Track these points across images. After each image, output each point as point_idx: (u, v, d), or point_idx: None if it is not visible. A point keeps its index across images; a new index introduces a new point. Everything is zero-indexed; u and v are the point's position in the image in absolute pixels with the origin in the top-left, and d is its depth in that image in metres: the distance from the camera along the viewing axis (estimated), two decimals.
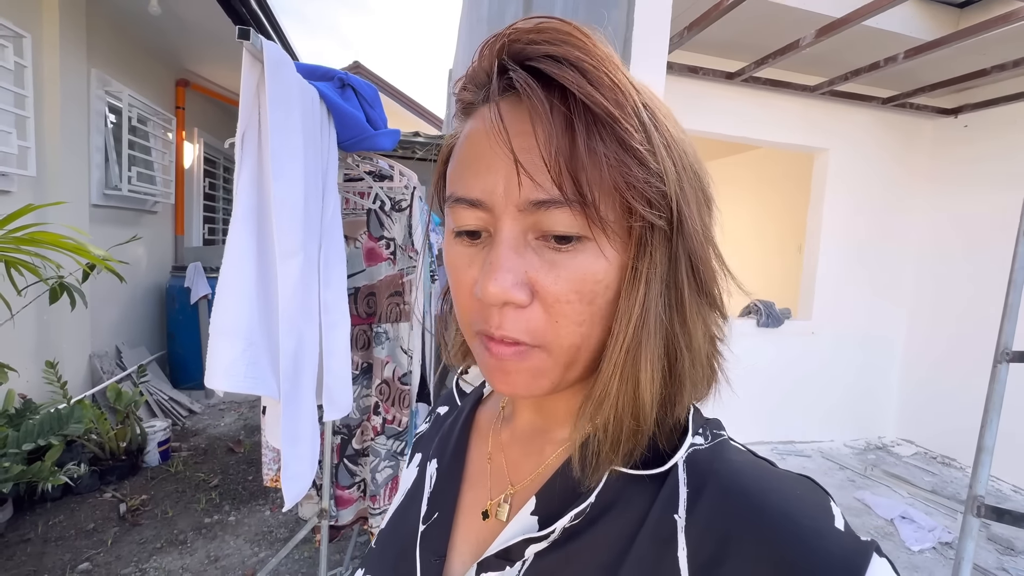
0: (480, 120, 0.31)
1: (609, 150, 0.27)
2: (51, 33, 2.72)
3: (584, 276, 0.29)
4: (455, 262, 0.32)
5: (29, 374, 2.58)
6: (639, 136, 0.27)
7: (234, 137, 0.99)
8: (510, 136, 0.28)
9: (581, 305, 0.29)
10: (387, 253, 1.74)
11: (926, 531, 2.47)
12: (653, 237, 0.29)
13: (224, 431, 3.38)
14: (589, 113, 0.27)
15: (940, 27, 2.76)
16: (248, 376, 0.92)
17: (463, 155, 0.32)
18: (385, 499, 1.76)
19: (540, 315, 0.29)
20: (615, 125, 0.27)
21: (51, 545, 2.08)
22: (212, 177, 5.17)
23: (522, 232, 0.29)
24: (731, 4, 2.21)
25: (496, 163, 0.29)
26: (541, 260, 0.29)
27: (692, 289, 0.31)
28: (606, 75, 0.27)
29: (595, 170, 0.27)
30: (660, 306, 0.29)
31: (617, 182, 0.27)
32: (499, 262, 0.28)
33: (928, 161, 3.74)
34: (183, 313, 3.86)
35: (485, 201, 0.29)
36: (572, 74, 0.27)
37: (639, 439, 0.31)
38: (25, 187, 2.59)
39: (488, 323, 0.30)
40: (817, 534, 0.26)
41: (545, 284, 0.29)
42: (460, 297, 0.32)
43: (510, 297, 0.28)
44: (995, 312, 1.67)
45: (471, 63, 0.32)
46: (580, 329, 0.29)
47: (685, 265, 0.30)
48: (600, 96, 0.26)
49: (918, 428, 3.72)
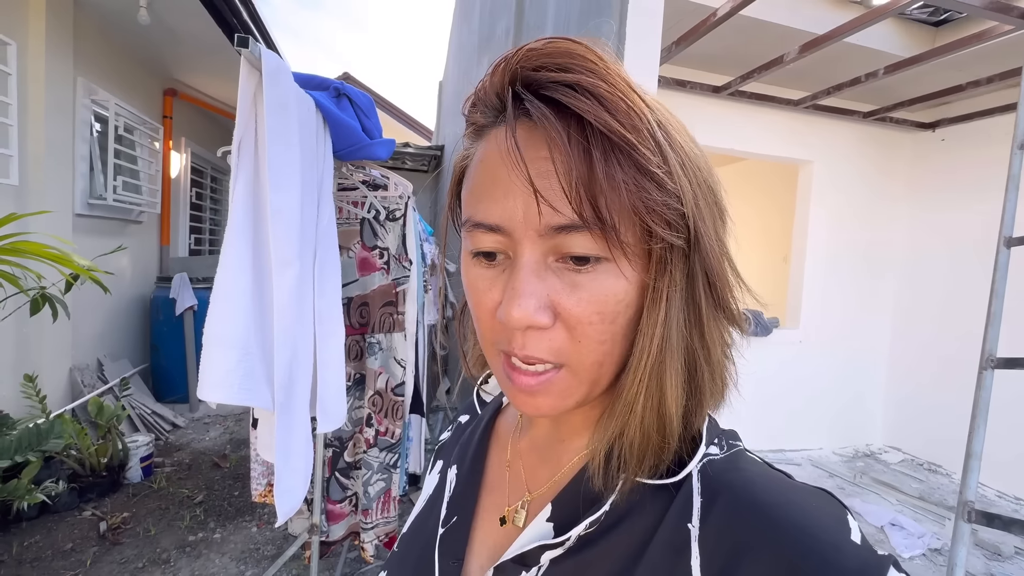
0: (495, 144, 0.31)
1: (627, 175, 0.27)
2: (37, 41, 2.68)
3: (605, 297, 0.29)
4: (476, 284, 0.32)
5: (6, 388, 2.50)
6: (656, 159, 0.28)
7: (226, 146, 0.99)
8: (527, 163, 0.28)
9: (603, 325, 0.29)
10: (381, 263, 1.73)
11: (916, 538, 2.49)
12: (672, 256, 0.29)
13: (209, 445, 3.30)
14: (606, 140, 0.27)
15: (917, 44, 2.86)
16: (243, 387, 0.90)
17: (479, 179, 0.32)
18: (377, 513, 1.73)
19: (563, 336, 0.30)
20: (632, 151, 0.27)
21: (26, 567, 2.00)
22: (199, 187, 5.11)
23: (542, 255, 0.29)
24: (718, 20, 2.27)
25: (514, 189, 0.29)
26: (562, 283, 0.29)
27: (710, 304, 0.31)
28: (621, 99, 0.27)
29: (614, 195, 0.27)
30: (681, 322, 0.30)
31: (636, 206, 0.27)
32: (521, 287, 0.29)
33: (908, 172, 3.84)
34: (168, 325, 3.78)
35: (504, 226, 0.30)
36: (588, 102, 0.27)
37: (664, 453, 0.32)
38: (7, 196, 2.53)
39: (511, 344, 0.31)
40: (833, 547, 0.26)
41: (567, 306, 0.29)
42: (482, 319, 0.33)
43: (533, 321, 0.29)
44: (978, 319, 1.71)
45: (482, 82, 0.32)
46: (603, 347, 0.30)
47: (702, 281, 0.31)
48: (616, 123, 0.27)
49: (905, 435, 3.77)
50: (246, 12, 3.09)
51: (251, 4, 3.14)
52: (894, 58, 2.80)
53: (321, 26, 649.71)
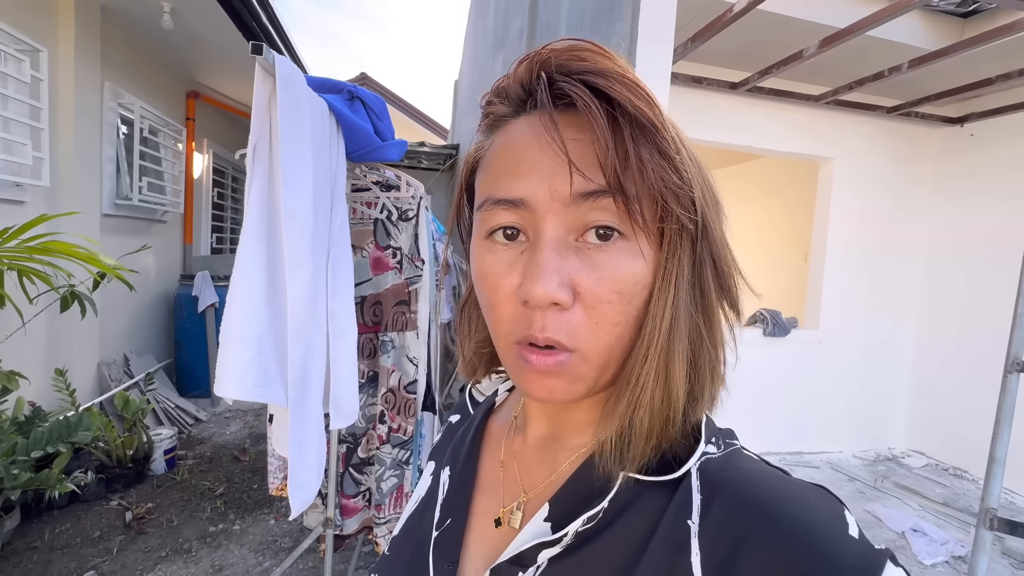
0: (519, 131, 0.32)
1: (652, 156, 0.29)
2: (67, 47, 2.78)
3: (624, 276, 0.30)
4: (491, 268, 0.32)
5: (39, 382, 2.60)
6: (675, 147, 0.30)
7: (244, 148, 1.01)
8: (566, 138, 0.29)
9: (620, 305, 0.30)
10: (393, 262, 1.75)
11: (938, 544, 2.42)
12: (682, 240, 0.31)
13: (230, 439, 3.38)
14: (635, 122, 0.29)
15: (944, 37, 2.76)
16: (257, 384, 0.93)
17: (499, 164, 0.32)
18: (390, 508, 1.76)
19: (581, 316, 0.30)
20: (657, 135, 0.29)
21: (57, 553, 2.09)
22: (221, 187, 5.23)
23: (565, 233, 0.30)
24: (735, 15, 2.23)
25: (540, 165, 0.30)
26: (583, 262, 0.30)
27: (716, 288, 0.33)
28: (643, 91, 0.30)
29: (640, 173, 0.29)
30: (688, 305, 0.31)
31: (658, 186, 0.29)
32: (544, 263, 0.29)
33: (934, 170, 3.72)
34: (191, 321, 3.89)
35: (528, 200, 0.30)
36: (620, 87, 0.29)
37: (669, 433, 0.32)
38: (39, 197, 2.63)
39: (531, 327, 0.30)
40: (832, 541, 0.26)
41: (587, 285, 0.30)
42: (499, 304, 0.32)
43: (556, 298, 0.29)
44: (1004, 322, 1.65)
45: (504, 76, 0.33)
46: (616, 330, 0.31)
47: (709, 265, 0.32)
48: (646, 108, 0.29)
49: (929, 439, 3.67)
50: (265, 15, 3.16)
51: (270, 7, 3.20)
52: (920, 51, 2.72)
53: (340, 27, 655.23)
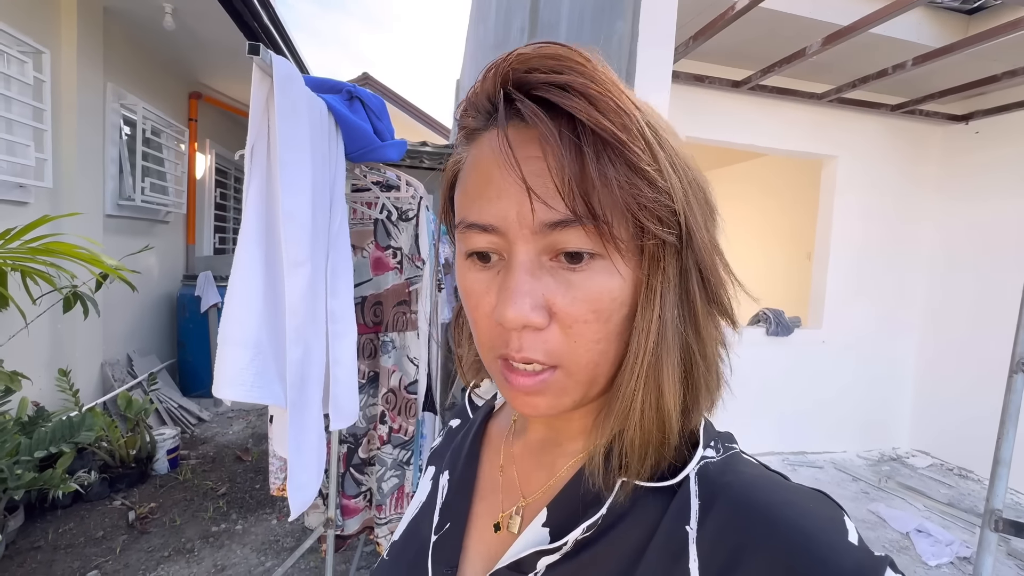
0: (487, 146, 0.31)
1: (619, 173, 0.27)
2: (69, 49, 2.79)
3: (600, 295, 0.29)
4: (472, 287, 0.32)
5: (42, 382, 2.61)
6: (646, 157, 0.28)
7: (244, 149, 1.01)
8: (520, 162, 0.28)
9: (598, 324, 0.29)
10: (394, 262, 1.75)
11: (943, 545, 2.41)
12: (665, 252, 0.30)
13: (232, 439, 3.39)
14: (598, 138, 0.27)
15: (949, 34, 2.74)
16: (255, 385, 0.92)
17: (472, 181, 0.32)
18: (391, 509, 1.76)
19: (558, 336, 0.30)
20: (623, 148, 0.27)
21: (61, 552, 2.10)
22: (223, 187, 5.25)
23: (537, 254, 0.29)
24: (737, 13, 2.22)
25: (507, 189, 0.29)
26: (557, 282, 0.29)
27: (703, 299, 0.31)
28: (611, 100, 0.27)
29: (606, 192, 0.27)
30: (676, 318, 0.30)
31: (628, 203, 0.28)
32: (516, 287, 0.29)
33: (938, 168, 3.70)
34: (193, 322, 3.90)
35: (498, 226, 0.30)
36: (579, 102, 0.27)
37: (665, 450, 0.32)
38: (42, 198, 2.64)
39: (508, 346, 0.30)
40: (830, 548, 0.26)
41: (562, 305, 0.29)
42: (479, 322, 0.32)
43: (528, 321, 0.29)
44: (1010, 321, 1.63)
45: (473, 87, 0.32)
46: (598, 347, 0.30)
47: (695, 276, 0.31)
48: (607, 121, 0.27)
49: (933, 439, 3.64)
50: (266, 16, 3.16)
51: (271, 8, 3.21)
52: (924, 48, 2.69)
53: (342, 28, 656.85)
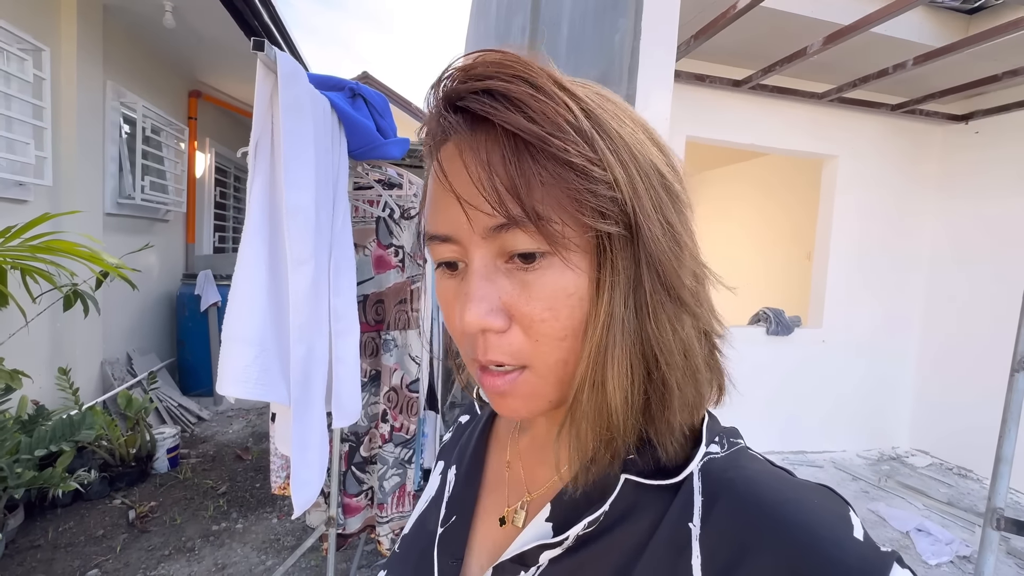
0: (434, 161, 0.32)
1: (544, 168, 0.27)
2: (69, 47, 2.78)
3: (555, 292, 0.29)
4: (443, 295, 0.34)
5: (42, 380, 2.61)
6: (575, 149, 0.27)
7: (246, 147, 1.01)
8: (450, 176, 0.29)
9: (557, 322, 0.29)
10: (396, 261, 1.75)
11: (943, 544, 2.41)
12: (612, 244, 0.29)
13: (232, 438, 3.39)
14: (517, 139, 0.27)
15: (949, 33, 2.75)
16: (259, 382, 0.92)
17: (429, 195, 0.34)
18: (392, 507, 1.75)
19: (520, 337, 0.30)
20: (544, 144, 0.27)
21: (61, 551, 2.09)
22: (223, 186, 5.24)
23: (492, 259, 0.30)
24: (738, 12, 2.22)
25: (451, 199, 0.30)
26: (512, 283, 0.30)
27: (657, 292, 0.30)
28: (532, 97, 0.27)
29: (535, 190, 0.27)
30: (627, 313, 0.29)
31: (560, 197, 0.28)
32: (472, 292, 0.30)
33: (938, 167, 3.70)
34: (193, 320, 3.90)
35: (452, 235, 0.31)
36: (493, 105, 0.27)
37: (615, 447, 0.31)
38: (42, 196, 2.64)
39: (475, 351, 0.31)
40: (835, 544, 0.25)
41: (519, 306, 0.30)
42: (453, 329, 0.34)
43: (486, 324, 0.29)
44: (1010, 320, 1.64)
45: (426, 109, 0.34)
46: (564, 344, 0.30)
47: (647, 269, 0.30)
48: (524, 120, 0.27)
49: (933, 438, 3.65)
50: (267, 14, 3.15)
51: (272, 6, 3.20)
52: (924, 48, 2.70)
53: (342, 26, 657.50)
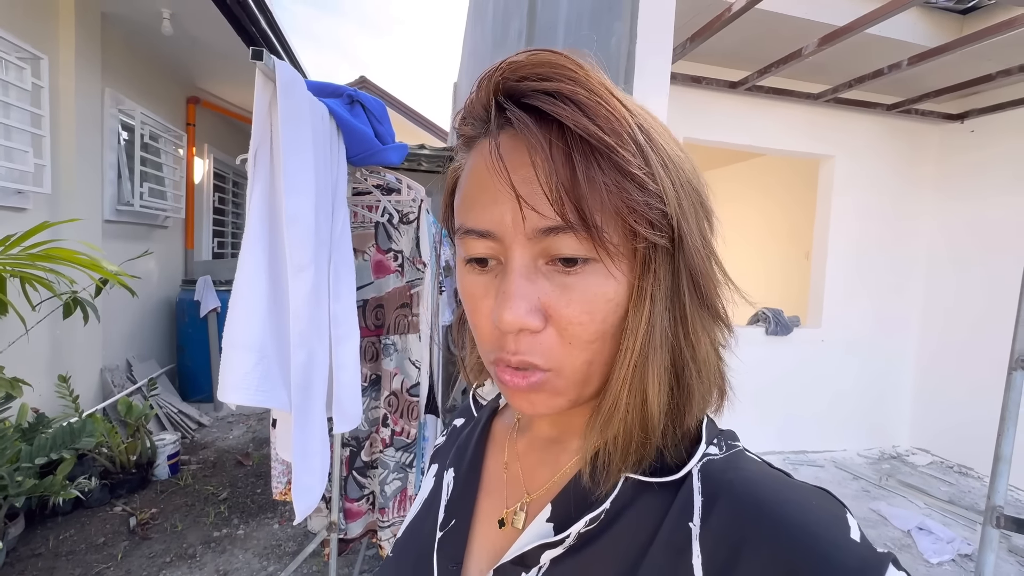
0: (481, 154, 0.32)
1: (608, 177, 0.28)
2: (67, 54, 2.79)
3: (594, 297, 0.30)
4: (471, 291, 0.33)
5: (42, 388, 2.60)
6: (636, 161, 0.28)
7: (245, 153, 1.02)
8: (510, 170, 0.29)
9: (593, 325, 0.30)
10: (395, 265, 1.75)
11: (944, 543, 2.41)
12: (656, 255, 0.30)
13: (233, 444, 3.38)
14: (586, 144, 0.28)
15: (943, 33, 2.76)
16: (260, 389, 0.93)
17: (469, 188, 0.33)
18: (394, 512, 1.75)
19: (554, 338, 0.30)
20: (611, 153, 0.28)
21: (62, 560, 2.09)
22: (221, 192, 5.24)
23: (532, 259, 0.30)
24: (733, 14, 2.23)
25: (501, 195, 0.30)
26: (552, 285, 0.30)
27: (695, 303, 0.32)
28: (600, 104, 0.28)
29: (595, 197, 0.28)
30: (665, 321, 0.30)
31: (618, 207, 0.28)
32: (512, 290, 0.30)
33: (935, 167, 3.72)
34: (193, 326, 3.90)
35: (495, 232, 0.31)
36: (567, 108, 0.28)
37: (647, 450, 0.32)
38: (41, 204, 2.64)
39: (504, 349, 0.31)
40: (833, 545, 0.26)
41: (558, 308, 0.30)
42: (479, 325, 0.33)
43: (525, 324, 0.29)
44: (1008, 318, 1.65)
45: (470, 96, 0.33)
46: (592, 346, 0.30)
47: (687, 280, 0.31)
48: (595, 127, 0.27)
49: (933, 437, 3.66)
50: (264, 21, 3.16)
51: (269, 12, 3.21)
52: (919, 48, 2.71)
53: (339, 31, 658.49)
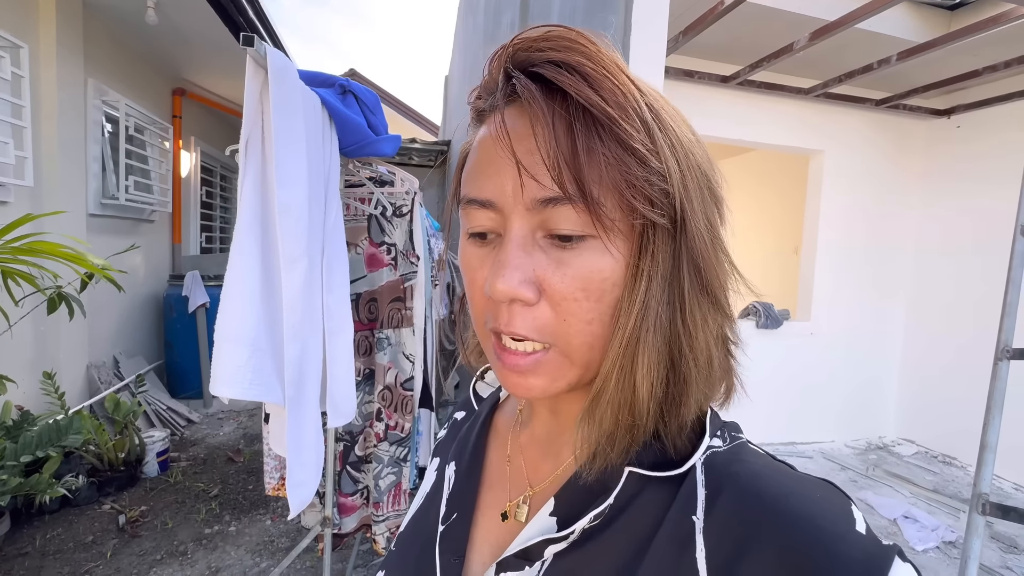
0: (488, 126, 0.32)
1: (608, 149, 0.27)
2: (48, 43, 2.72)
3: (590, 273, 0.29)
4: (468, 262, 0.33)
5: (26, 385, 2.55)
6: (639, 136, 0.28)
7: (234, 145, 1.00)
8: (512, 140, 0.29)
9: (588, 303, 0.29)
10: (388, 259, 1.74)
11: (929, 530, 2.47)
12: (656, 235, 0.29)
13: (223, 440, 3.35)
14: (588, 115, 0.27)
15: (932, 29, 2.79)
16: (254, 383, 0.91)
17: (475, 160, 0.33)
18: (388, 506, 1.75)
19: (548, 313, 0.30)
20: (613, 126, 0.27)
21: (49, 559, 2.05)
22: (209, 186, 5.16)
23: (530, 231, 0.30)
24: (725, 8, 2.23)
25: (504, 165, 0.29)
26: (548, 258, 0.30)
27: (695, 289, 0.31)
28: (607, 78, 0.28)
29: (595, 169, 0.27)
30: (661, 304, 0.30)
31: (617, 180, 0.28)
32: (507, 260, 0.29)
33: (922, 161, 3.77)
34: (181, 322, 3.84)
35: (495, 201, 0.30)
36: (571, 78, 0.27)
37: (635, 435, 0.31)
38: (23, 197, 2.58)
39: (497, 320, 0.31)
40: (838, 537, 0.26)
41: (552, 282, 0.29)
42: (473, 296, 0.34)
43: (517, 294, 0.29)
44: (993, 310, 1.68)
45: (484, 72, 0.33)
46: (590, 328, 0.30)
47: (688, 265, 0.30)
48: (598, 98, 0.27)
49: (918, 427, 3.73)
50: (252, 10, 3.10)
51: (257, 2, 3.15)
52: (907, 44, 2.74)
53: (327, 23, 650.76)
